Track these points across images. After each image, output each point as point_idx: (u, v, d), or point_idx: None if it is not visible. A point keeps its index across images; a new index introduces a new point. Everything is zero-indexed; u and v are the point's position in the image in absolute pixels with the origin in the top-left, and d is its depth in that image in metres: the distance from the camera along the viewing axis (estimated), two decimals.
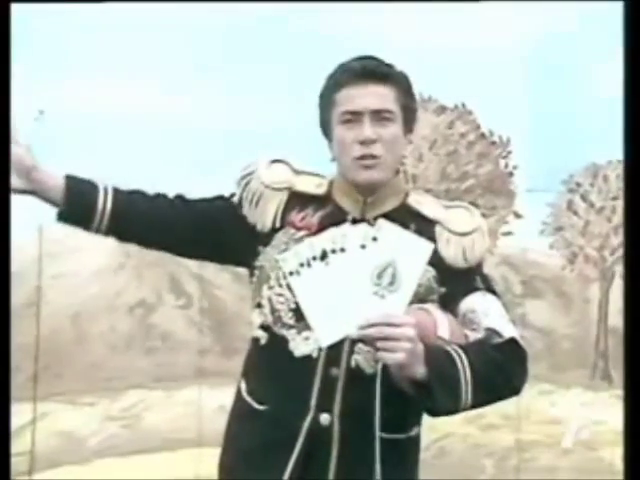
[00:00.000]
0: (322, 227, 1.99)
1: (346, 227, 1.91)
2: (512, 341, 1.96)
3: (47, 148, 4.10)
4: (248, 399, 2.08)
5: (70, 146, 4.08)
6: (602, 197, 4.34)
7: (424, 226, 2.04)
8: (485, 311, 1.98)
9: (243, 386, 2.12)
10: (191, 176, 4.07)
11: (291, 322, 2.00)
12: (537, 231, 4.34)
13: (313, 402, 1.99)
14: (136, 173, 4.07)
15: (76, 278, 4.24)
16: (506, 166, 4.35)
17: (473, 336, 1.95)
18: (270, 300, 2.03)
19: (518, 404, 4.15)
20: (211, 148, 4.07)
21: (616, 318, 4.16)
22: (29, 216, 4.04)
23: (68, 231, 2.00)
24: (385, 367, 1.86)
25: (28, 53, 3.98)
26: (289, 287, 1.92)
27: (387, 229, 1.88)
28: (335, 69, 2.07)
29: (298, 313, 1.94)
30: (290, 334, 2.00)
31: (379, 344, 1.81)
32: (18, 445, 4.07)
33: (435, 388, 1.84)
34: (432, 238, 2.01)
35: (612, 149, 3.94)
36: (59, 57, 4.10)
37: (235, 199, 2.11)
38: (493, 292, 2.06)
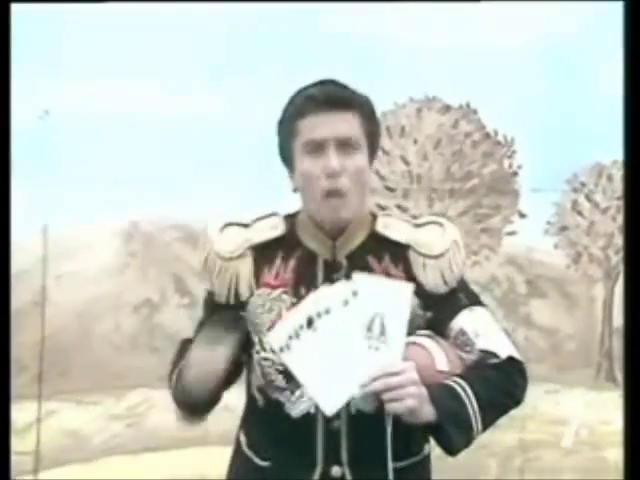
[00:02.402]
0: (297, 277, 1.96)
1: (325, 288, 1.88)
2: (509, 358, 1.94)
3: (47, 148, 4.14)
4: (249, 453, 2.05)
5: (70, 146, 4.09)
6: (607, 197, 4.34)
7: (397, 252, 1.98)
8: (475, 331, 1.94)
9: (243, 439, 2.08)
10: (192, 176, 4.08)
11: (282, 384, 1.94)
12: (541, 231, 4.33)
13: (320, 456, 1.95)
14: (137, 173, 4.09)
15: (81, 277, 4.25)
16: (510, 166, 4.35)
17: (468, 358, 1.93)
18: (260, 364, 1.97)
19: (522, 404, 4.15)
20: (213, 148, 4.07)
21: (621, 318, 4.16)
22: (33, 216, 4.07)
23: (73, 231, 1.99)
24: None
25: (28, 53, 3.99)
26: (273, 350, 1.88)
27: (365, 281, 1.86)
28: (294, 96, 1.99)
29: (287, 374, 1.90)
30: (284, 396, 1.95)
31: (385, 396, 1.79)
32: (23, 444, 4.08)
33: (448, 428, 1.83)
34: (407, 263, 1.98)
35: (617, 149, 3.93)
36: (59, 57, 4.10)
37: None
38: (479, 303, 2.02)
